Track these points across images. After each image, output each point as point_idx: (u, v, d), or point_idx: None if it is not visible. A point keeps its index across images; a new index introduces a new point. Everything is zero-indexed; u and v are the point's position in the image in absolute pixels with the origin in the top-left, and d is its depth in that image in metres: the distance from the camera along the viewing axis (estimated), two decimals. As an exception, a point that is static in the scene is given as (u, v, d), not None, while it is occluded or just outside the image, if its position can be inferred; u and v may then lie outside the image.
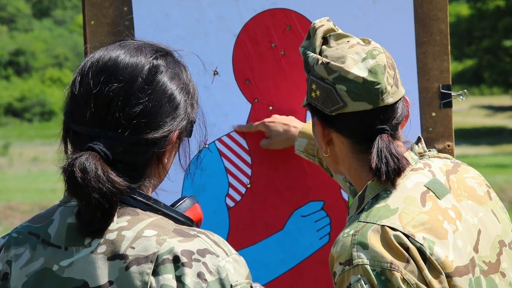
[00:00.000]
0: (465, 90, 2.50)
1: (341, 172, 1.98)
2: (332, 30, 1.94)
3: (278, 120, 2.45)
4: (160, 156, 1.63)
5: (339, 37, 1.92)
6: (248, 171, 2.50)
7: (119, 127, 1.56)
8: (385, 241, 1.75)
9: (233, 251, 1.58)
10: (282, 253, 2.49)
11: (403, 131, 1.95)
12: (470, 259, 1.81)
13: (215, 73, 2.48)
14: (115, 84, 1.57)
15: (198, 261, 1.52)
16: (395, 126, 1.89)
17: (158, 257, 1.51)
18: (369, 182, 1.86)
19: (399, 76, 1.91)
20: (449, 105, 2.51)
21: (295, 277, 2.50)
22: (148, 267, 1.51)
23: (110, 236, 1.54)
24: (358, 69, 1.85)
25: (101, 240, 1.54)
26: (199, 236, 1.56)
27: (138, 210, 1.57)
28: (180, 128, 1.63)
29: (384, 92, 1.85)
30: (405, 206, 1.81)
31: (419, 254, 1.75)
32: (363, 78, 1.84)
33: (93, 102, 1.57)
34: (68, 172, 1.52)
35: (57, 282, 1.54)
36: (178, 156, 1.69)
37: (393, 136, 1.88)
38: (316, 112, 1.92)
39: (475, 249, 1.84)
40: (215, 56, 2.47)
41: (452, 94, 2.51)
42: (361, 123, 1.87)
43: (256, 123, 2.47)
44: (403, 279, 1.73)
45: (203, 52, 2.43)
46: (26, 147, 26.01)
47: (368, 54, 1.87)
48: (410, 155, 1.90)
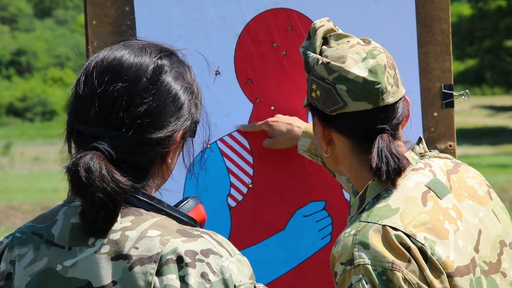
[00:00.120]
0: (467, 90, 2.50)
1: (342, 172, 1.98)
2: (332, 30, 1.94)
3: (282, 120, 2.45)
4: (164, 156, 1.63)
5: (339, 37, 1.92)
6: (250, 171, 2.50)
7: (123, 127, 1.57)
8: (386, 241, 1.75)
9: (237, 252, 1.58)
10: (284, 253, 2.49)
11: (404, 131, 1.95)
12: (471, 259, 1.81)
13: (217, 73, 2.48)
14: (120, 84, 1.57)
15: (202, 262, 1.52)
16: (396, 126, 1.89)
17: (162, 257, 1.51)
18: (370, 182, 1.86)
19: (400, 76, 1.91)
20: (451, 105, 2.51)
21: (297, 277, 2.50)
22: (152, 267, 1.51)
23: (114, 236, 1.54)
24: (358, 69, 1.85)
25: (105, 240, 1.54)
26: (203, 236, 1.56)
27: (142, 210, 1.57)
28: (184, 128, 1.63)
29: (385, 92, 1.85)
30: (406, 206, 1.81)
31: (420, 254, 1.75)
32: (363, 78, 1.84)
33: (98, 102, 1.57)
34: (73, 172, 1.52)
35: (61, 282, 1.54)
36: (182, 156, 1.69)
37: (394, 136, 1.88)
38: (317, 112, 1.92)
39: (476, 249, 1.84)
40: (217, 56, 2.47)
41: (454, 94, 2.50)
42: (362, 123, 1.87)
43: (260, 123, 2.47)
44: (405, 279, 1.72)
45: (205, 52, 2.43)
46: (28, 147, 26.02)
47: (368, 54, 1.87)
48: (411, 155, 1.90)
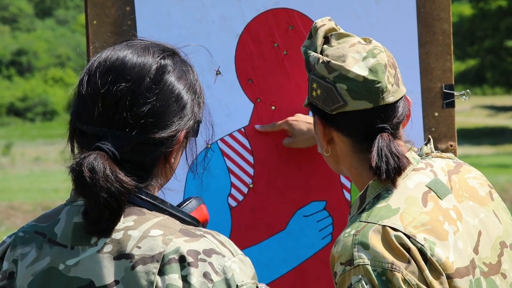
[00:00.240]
0: (468, 90, 2.50)
1: (342, 172, 1.98)
2: (334, 30, 1.94)
3: (302, 119, 2.44)
4: (167, 156, 1.63)
5: (340, 37, 1.92)
6: (251, 171, 2.50)
7: (127, 127, 1.57)
8: (386, 242, 1.75)
9: (239, 252, 1.58)
10: (284, 253, 2.49)
11: (405, 131, 1.95)
12: (470, 261, 1.81)
13: (218, 73, 2.48)
14: (123, 84, 1.58)
15: (204, 261, 1.52)
16: (396, 125, 1.89)
17: (164, 257, 1.51)
18: (370, 182, 1.86)
19: (400, 75, 1.91)
20: (452, 105, 2.50)
21: (298, 277, 2.50)
22: (154, 267, 1.51)
23: (116, 236, 1.54)
24: (359, 68, 1.84)
25: (107, 240, 1.54)
26: (205, 236, 1.56)
27: (145, 210, 1.58)
28: (187, 128, 1.64)
29: (385, 91, 1.85)
30: (407, 206, 1.80)
31: (420, 255, 1.75)
32: (364, 77, 1.84)
33: (101, 102, 1.57)
34: (76, 172, 1.53)
35: (63, 281, 1.54)
36: (185, 156, 1.70)
37: (394, 135, 1.88)
38: (317, 111, 1.93)
39: (475, 251, 1.84)
40: (218, 56, 2.47)
41: (455, 94, 2.50)
42: (362, 122, 1.87)
43: (279, 122, 2.46)
44: (404, 280, 1.72)
45: (206, 52, 2.43)
46: (28, 147, 26.02)
47: (369, 53, 1.87)
48: (412, 155, 1.90)
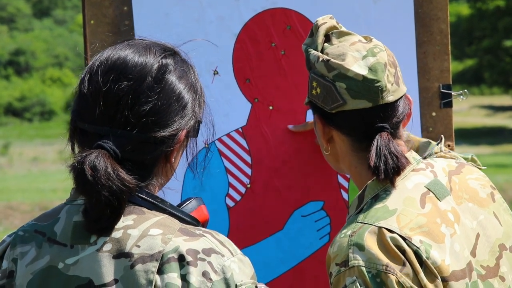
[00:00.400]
0: (466, 90, 2.49)
1: (342, 170, 1.98)
2: (335, 28, 1.94)
3: None
4: (168, 155, 1.63)
5: (341, 35, 1.92)
6: (248, 171, 2.49)
7: (128, 125, 1.57)
8: (382, 243, 1.75)
9: (238, 251, 1.59)
10: (282, 253, 2.49)
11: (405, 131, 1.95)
12: (467, 263, 1.80)
13: (215, 73, 2.48)
14: (125, 83, 1.58)
15: (203, 260, 1.52)
16: (396, 125, 1.88)
17: (163, 256, 1.52)
18: (369, 182, 1.85)
19: (401, 74, 1.90)
20: (450, 105, 2.50)
21: (295, 277, 2.50)
22: (153, 266, 1.51)
23: (116, 235, 1.54)
24: (358, 67, 1.84)
25: (107, 238, 1.54)
26: (205, 236, 1.56)
27: (144, 209, 1.58)
28: (188, 127, 1.64)
29: (384, 90, 1.84)
30: (404, 208, 1.80)
31: (415, 257, 1.74)
32: (363, 76, 1.83)
33: (102, 100, 1.58)
34: (78, 170, 1.53)
35: (62, 280, 1.55)
36: (186, 156, 1.70)
37: (394, 135, 1.87)
38: (317, 110, 1.92)
39: (473, 253, 1.83)
40: (215, 56, 2.47)
41: (453, 94, 2.50)
42: (361, 121, 1.86)
43: (311, 121, 2.45)
44: (398, 282, 1.72)
45: (203, 52, 2.43)
46: (26, 147, 26.03)
47: (369, 52, 1.86)
48: (412, 155, 1.89)
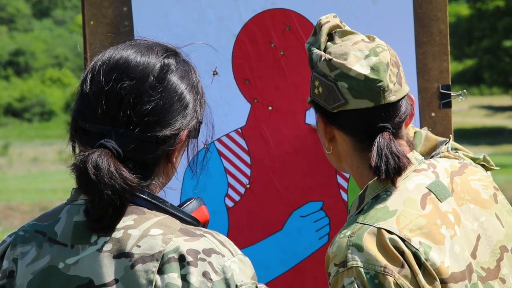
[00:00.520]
0: (465, 90, 2.49)
1: (344, 170, 1.98)
2: (338, 27, 1.93)
3: None
4: (170, 155, 1.64)
5: (344, 34, 1.91)
6: (247, 172, 2.50)
7: (130, 125, 1.58)
8: (381, 244, 1.74)
9: (239, 252, 1.59)
10: (282, 253, 2.49)
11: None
12: (467, 265, 1.79)
13: (215, 73, 2.48)
14: (127, 82, 1.58)
15: (204, 261, 1.52)
16: (398, 125, 1.87)
17: (164, 256, 1.52)
18: (370, 182, 1.85)
19: (403, 74, 1.90)
20: (449, 105, 2.50)
21: (295, 277, 2.50)
22: (154, 266, 1.51)
23: (116, 235, 1.54)
24: (360, 66, 1.83)
25: (107, 238, 1.54)
26: (205, 236, 1.57)
27: (145, 209, 1.58)
28: (190, 127, 1.65)
29: (386, 90, 1.84)
30: (404, 209, 1.79)
31: (414, 259, 1.74)
32: (365, 76, 1.83)
33: (105, 100, 1.58)
34: (81, 169, 1.53)
35: (63, 280, 1.55)
36: (187, 156, 1.70)
37: (396, 135, 1.86)
38: (319, 109, 1.92)
39: (473, 255, 1.82)
40: (215, 56, 2.47)
41: (452, 94, 2.50)
42: (363, 121, 1.86)
43: None
44: (396, 284, 1.71)
45: (203, 53, 2.43)
46: (26, 147, 26.02)
47: (371, 51, 1.85)
48: (414, 155, 1.89)
